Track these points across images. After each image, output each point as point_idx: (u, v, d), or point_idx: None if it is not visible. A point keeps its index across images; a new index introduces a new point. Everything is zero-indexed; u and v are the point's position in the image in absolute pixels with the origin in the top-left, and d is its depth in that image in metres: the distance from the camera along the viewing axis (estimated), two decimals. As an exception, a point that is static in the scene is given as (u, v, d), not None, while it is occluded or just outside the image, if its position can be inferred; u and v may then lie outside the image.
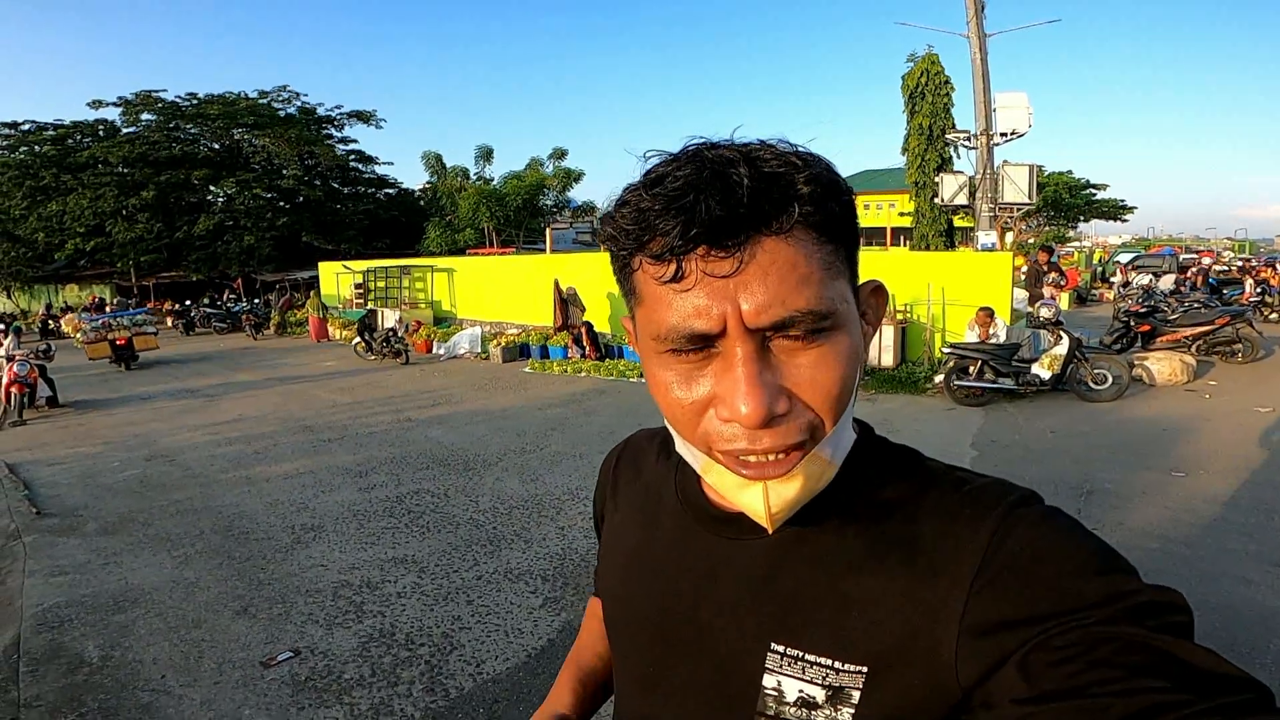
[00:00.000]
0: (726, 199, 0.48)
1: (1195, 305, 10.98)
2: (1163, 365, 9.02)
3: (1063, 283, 13.54)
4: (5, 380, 9.74)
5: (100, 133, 27.65)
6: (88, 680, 3.37)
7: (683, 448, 0.59)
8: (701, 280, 0.50)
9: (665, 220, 0.49)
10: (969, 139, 13.54)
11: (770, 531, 0.57)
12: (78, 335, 16.07)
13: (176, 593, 4.26)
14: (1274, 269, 17.90)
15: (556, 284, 13.89)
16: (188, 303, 24.66)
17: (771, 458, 0.53)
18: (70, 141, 27.31)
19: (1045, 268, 12.21)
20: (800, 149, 0.53)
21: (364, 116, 31.42)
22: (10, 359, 10.00)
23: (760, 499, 0.54)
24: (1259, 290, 15.05)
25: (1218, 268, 21.70)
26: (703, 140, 0.53)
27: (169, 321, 24.36)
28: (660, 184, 0.50)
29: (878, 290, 0.62)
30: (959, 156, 16.18)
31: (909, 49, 20.60)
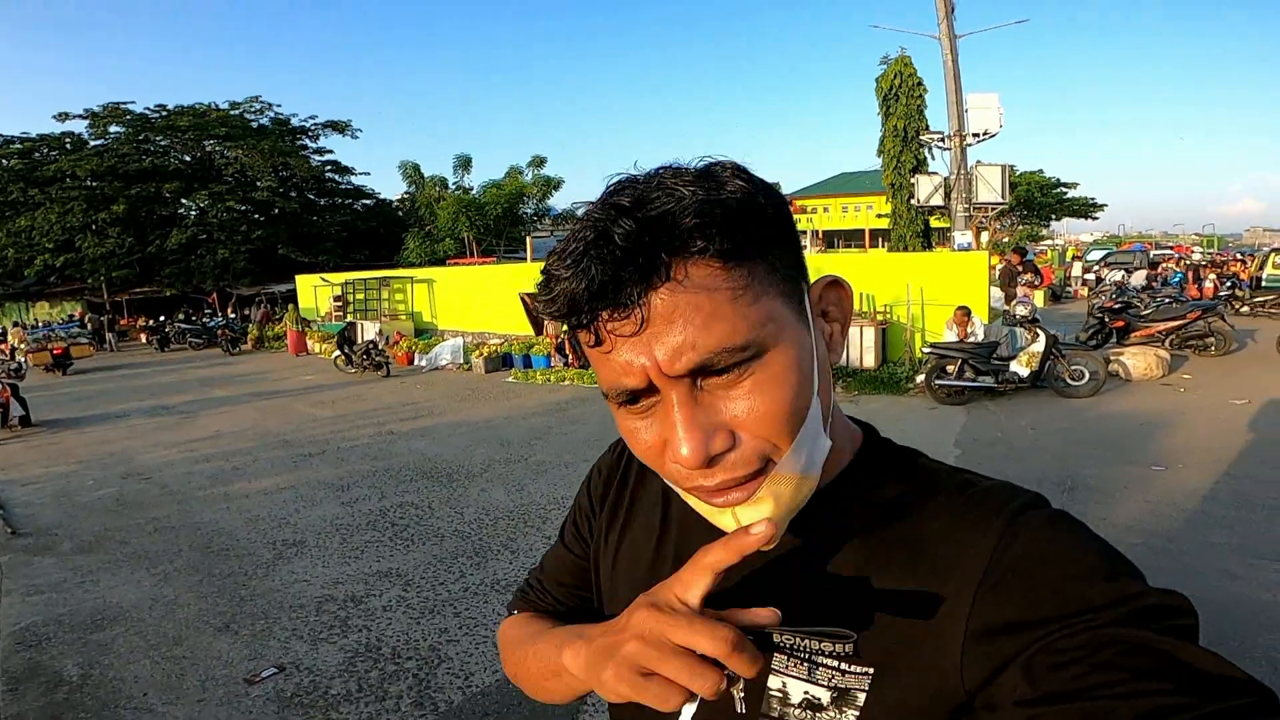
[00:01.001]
0: (606, 261, 0.48)
1: (1167, 300, 11.19)
2: (1138, 360, 9.16)
3: (1037, 282, 13.73)
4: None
5: (67, 146, 27.18)
6: (68, 699, 3.30)
7: (665, 480, 0.59)
8: (616, 342, 0.50)
9: (571, 286, 0.49)
10: (943, 140, 13.72)
11: (766, 550, 0.56)
12: (21, 346, 17.14)
13: (156, 610, 4.18)
14: (1243, 262, 18.27)
15: (522, 298, 13.86)
16: (162, 318, 24.32)
17: (732, 487, 0.53)
18: (37, 155, 26.84)
19: (1019, 268, 12.39)
20: (703, 166, 0.52)
21: (339, 126, 31.16)
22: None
23: (732, 525, 0.54)
24: (1228, 284, 15.35)
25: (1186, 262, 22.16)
26: (620, 178, 0.53)
27: (143, 338, 24.01)
28: (564, 252, 0.50)
29: (833, 284, 0.60)
30: (934, 157, 16.42)
31: (883, 51, 20.83)
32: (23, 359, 13.22)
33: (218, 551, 5.08)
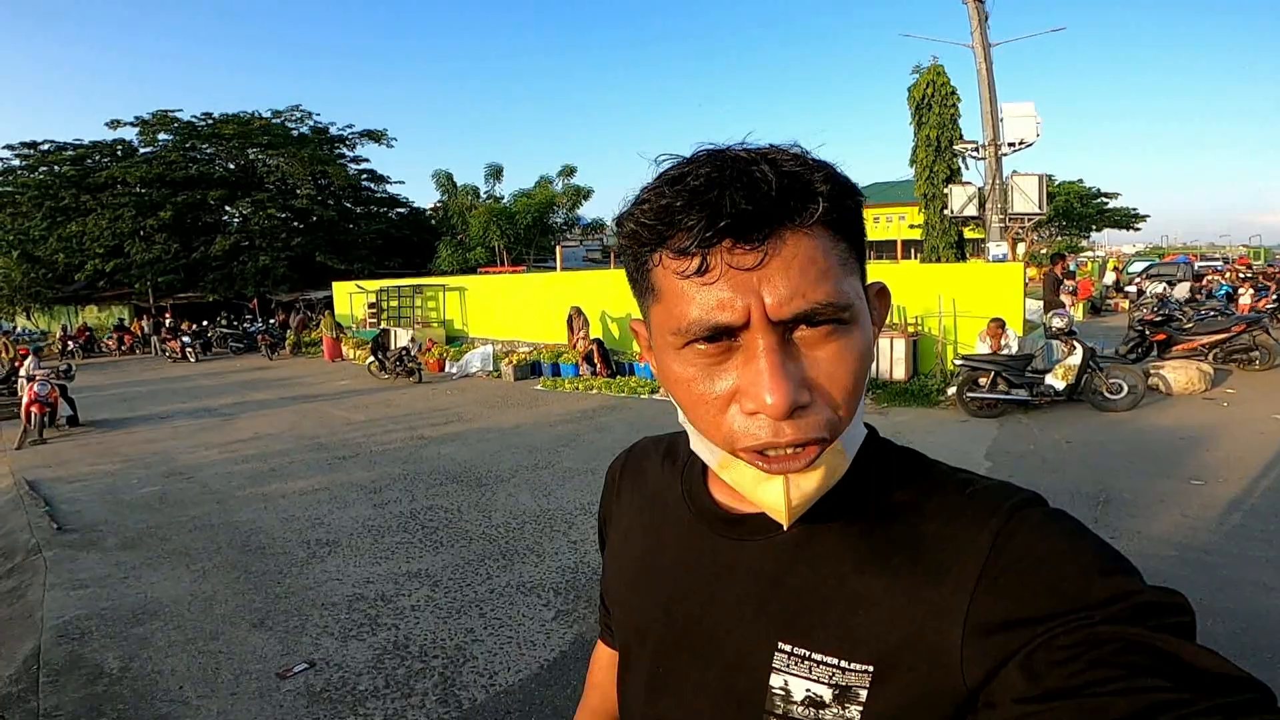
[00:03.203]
0: (752, 193, 0.49)
1: (1210, 313, 10.90)
2: (1179, 374, 8.94)
3: (1073, 289, 13.40)
4: (26, 400, 9.89)
5: (118, 153, 27.96)
6: (107, 691, 3.40)
7: (700, 445, 0.60)
8: (725, 273, 0.51)
9: (689, 215, 0.50)
10: (977, 150, 13.56)
11: (786, 527, 0.58)
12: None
13: (194, 606, 4.30)
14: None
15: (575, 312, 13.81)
16: (204, 323, 24.88)
17: (792, 451, 0.53)
18: (89, 162, 27.60)
19: (1061, 275, 12.07)
20: (808, 154, 0.55)
21: (375, 136, 31.68)
22: (31, 379, 10.15)
23: (780, 493, 0.55)
24: (1274, 297, 14.88)
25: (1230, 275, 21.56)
26: (714, 146, 0.55)
27: (183, 341, 24.53)
28: (681, 181, 0.52)
29: (882, 292, 0.63)
30: (967, 168, 16.20)
31: (915, 61, 20.65)
32: (72, 363, 13.62)
33: (254, 550, 5.20)
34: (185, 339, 21.42)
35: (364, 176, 32.11)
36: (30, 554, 5.34)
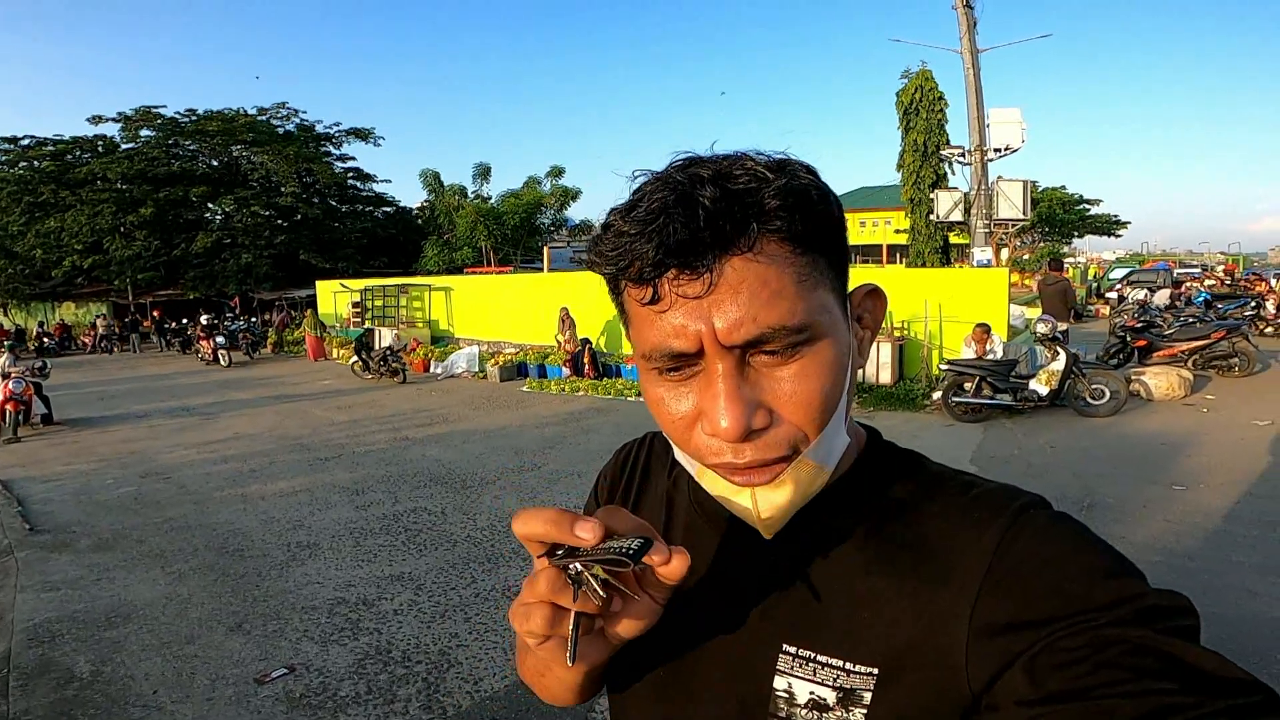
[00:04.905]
0: (690, 222, 0.49)
1: (1191, 320, 11.03)
2: (1160, 380, 9.03)
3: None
4: (0, 397, 9.71)
5: (100, 148, 27.61)
6: (78, 695, 3.32)
7: (680, 456, 0.60)
8: (676, 302, 0.51)
9: (639, 244, 0.50)
10: (963, 155, 13.66)
11: (767, 537, 0.58)
12: None
13: (169, 609, 4.21)
14: (1269, 284, 17.94)
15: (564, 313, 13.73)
16: (184, 321, 24.55)
17: (754, 468, 0.54)
18: (69, 157, 27.24)
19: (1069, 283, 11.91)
20: (779, 157, 0.54)
21: (362, 134, 31.49)
22: (5, 376, 9.97)
23: (750, 504, 0.55)
24: (1252, 304, 15.07)
25: (1209, 283, 21.84)
26: (687, 155, 0.54)
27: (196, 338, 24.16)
28: (636, 208, 0.52)
29: (873, 293, 0.62)
30: (954, 173, 16.33)
31: (903, 65, 20.80)
32: (48, 361, 13.36)
33: (232, 552, 5.12)
34: (220, 339, 18.35)
35: (350, 175, 31.91)
36: (2, 555, 5.23)
